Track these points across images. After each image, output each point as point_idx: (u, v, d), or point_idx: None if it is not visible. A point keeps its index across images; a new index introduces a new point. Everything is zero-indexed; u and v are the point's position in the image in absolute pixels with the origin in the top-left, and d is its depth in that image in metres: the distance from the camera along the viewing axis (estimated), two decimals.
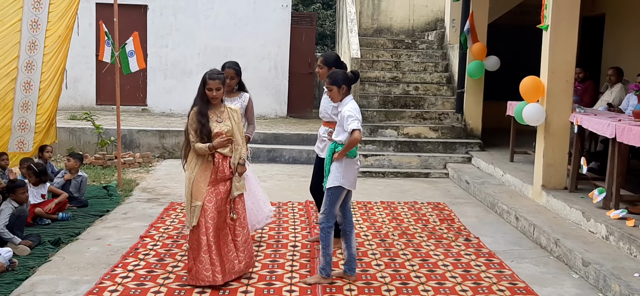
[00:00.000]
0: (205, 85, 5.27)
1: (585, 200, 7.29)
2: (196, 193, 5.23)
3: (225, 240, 5.33)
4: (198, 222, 5.21)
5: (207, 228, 5.21)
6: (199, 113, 5.25)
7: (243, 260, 5.40)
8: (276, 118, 15.01)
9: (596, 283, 5.44)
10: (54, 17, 7.86)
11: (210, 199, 5.23)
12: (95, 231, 6.88)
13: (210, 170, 5.26)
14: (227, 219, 5.35)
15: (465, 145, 11.46)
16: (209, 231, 5.20)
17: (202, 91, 5.31)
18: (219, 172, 5.27)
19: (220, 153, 5.29)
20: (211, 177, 5.25)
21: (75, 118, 12.68)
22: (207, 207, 5.22)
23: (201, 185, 5.24)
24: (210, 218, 5.21)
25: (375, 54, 13.92)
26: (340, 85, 5.33)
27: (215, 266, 5.18)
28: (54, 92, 8.14)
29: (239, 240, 5.39)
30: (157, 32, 15.01)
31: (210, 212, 5.22)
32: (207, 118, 5.25)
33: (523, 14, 13.41)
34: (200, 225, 5.21)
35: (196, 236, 5.24)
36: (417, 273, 5.70)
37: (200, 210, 5.21)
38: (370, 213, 7.95)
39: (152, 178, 9.96)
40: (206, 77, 5.28)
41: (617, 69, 9.59)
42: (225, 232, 5.34)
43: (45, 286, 5.22)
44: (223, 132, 5.26)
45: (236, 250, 5.37)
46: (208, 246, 5.18)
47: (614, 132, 6.67)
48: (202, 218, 5.22)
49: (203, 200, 5.21)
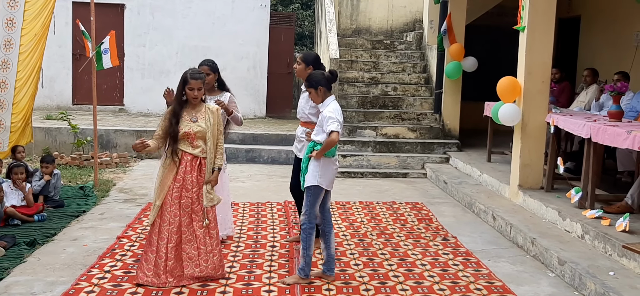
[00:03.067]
0: (185, 84, 5.23)
1: (561, 199, 7.37)
2: (159, 192, 5.22)
3: (187, 244, 5.23)
4: (153, 221, 5.20)
5: (160, 230, 5.17)
6: (171, 113, 5.23)
7: (205, 270, 5.24)
8: (255, 118, 14.96)
9: (572, 281, 5.50)
10: (30, 16, 7.76)
11: (167, 201, 5.19)
12: (71, 232, 6.80)
13: (174, 170, 5.21)
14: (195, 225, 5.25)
15: (443, 145, 11.53)
16: (162, 233, 5.16)
17: (180, 90, 5.27)
18: (186, 173, 5.21)
19: (190, 154, 5.26)
20: (176, 177, 5.20)
21: (51, 118, 12.54)
22: (164, 208, 5.19)
23: (164, 185, 5.21)
24: (163, 221, 5.17)
25: (354, 55, 13.95)
26: (317, 87, 5.33)
27: (158, 268, 5.14)
28: (29, 91, 8.03)
29: (203, 249, 5.25)
30: (134, 31, 14.89)
31: (167, 215, 5.17)
32: (178, 120, 5.21)
33: (500, 15, 13.55)
34: (154, 224, 5.20)
35: (149, 236, 5.24)
36: (395, 272, 5.72)
37: (158, 210, 5.19)
38: (349, 213, 7.96)
39: (130, 178, 9.88)
40: (188, 77, 5.22)
41: (593, 70, 9.70)
42: (190, 238, 5.24)
43: (20, 287, 5.15)
44: (192, 133, 5.22)
45: (198, 257, 5.24)
46: (157, 247, 5.15)
47: (589, 133, 6.75)
48: (158, 219, 5.19)
49: (162, 201, 5.19)
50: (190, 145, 5.25)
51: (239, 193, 8.75)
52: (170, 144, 5.23)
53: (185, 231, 5.23)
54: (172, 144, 5.22)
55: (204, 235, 5.27)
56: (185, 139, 5.23)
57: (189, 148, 5.24)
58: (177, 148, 5.23)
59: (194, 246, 5.24)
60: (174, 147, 5.22)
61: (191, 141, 5.25)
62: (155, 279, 5.14)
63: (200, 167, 5.27)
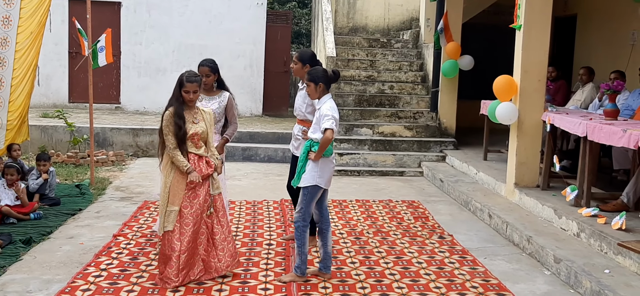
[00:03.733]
0: (181, 87, 5.23)
1: (557, 197, 7.39)
2: (173, 198, 5.18)
3: (201, 240, 5.27)
4: (173, 227, 5.17)
5: (182, 233, 5.16)
6: (176, 115, 5.20)
7: (223, 258, 5.30)
8: (251, 116, 14.97)
9: (568, 279, 5.51)
10: (26, 14, 7.74)
11: (186, 205, 5.19)
12: (67, 230, 6.80)
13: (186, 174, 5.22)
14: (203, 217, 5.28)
15: (440, 143, 11.54)
16: (184, 237, 5.15)
17: (178, 92, 5.27)
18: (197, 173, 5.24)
19: (195, 154, 5.26)
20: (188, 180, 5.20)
21: (47, 116, 12.52)
22: (183, 212, 5.18)
23: (178, 190, 5.19)
24: (186, 224, 5.17)
25: (350, 53, 13.95)
26: (318, 83, 5.34)
27: (183, 271, 5.14)
28: (26, 89, 8.02)
29: (217, 239, 5.31)
30: (130, 29, 14.87)
31: (187, 218, 5.18)
32: (184, 120, 5.21)
33: (496, 13, 13.55)
34: (175, 230, 5.16)
35: (169, 241, 5.17)
36: (392, 270, 5.72)
37: (176, 215, 5.16)
38: (346, 211, 7.96)
39: (126, 176, 9.88)
40: (184, 79, 5.22)
41: (589, 68, 9.72)
42: (202, 231, 5.27)
43: (16, 285, 5.15)
44: (198, 133, 5.24)
45: (214, 248, 5.30)
46: (180, 252, 5.13)
47: (585, 131, 6.77)
48: (178, 223, 5.17)
49: (180, 205, 5.18)
50: (195, 145, 5.27)
51: (236, 192, 8.74)
52: (177, 146, 5.20)
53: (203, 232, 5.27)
54: (179, 146, 5.21)
55: (215, 224, 5.32)
56: (190, 140, 5.24)
57: (193, 149, 5.26)
58: (184, 150, 5.22)
59: (206, 238, 5.29)
60: (182, 149, 5.22)
61: (196, 142, 5.27)
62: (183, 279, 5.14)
63: (208, 164, 5.31)
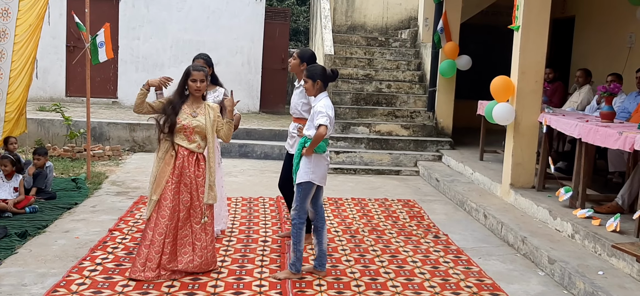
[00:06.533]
0: (188, 77, 5.26)
1: (552, 199, 7.41)
2: (155, 187, 5.21)
3: (183, 241, 5.25)
4: (149, 216, 5.20)
5: (156, 224, 5.16)
6: (170, 104, 5.24)
7: (198, 265, 5.27)
8: (248, 113, 14.95)
9: (561, 280, 5.54)
10: (25, 6, 7.73)
11: (166, 196, 5.18)
12: (63, 224, 6.80)
13: (171, 164, 5.20)
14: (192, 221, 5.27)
15: (436, 143, 11.56)
16: (157, 228, 5.16)
17: (183, 84, 5.30)
18: (183, 168, 5.21)
19: (186, 148, 5.26)
20: (173, 172, 5.20)
21: (44, 110, 12.51)
22: (162, 203, 5.19)
23: (161, 179, 5.20)
24: (162, 216, 5.17)
25: (348, 51, 13.96)
26: (315, 80, 5.35)
27: (152, 262, 5.13)
28: (24, 82, 8.01)
29: (198, 244, 5.29)
30: (128, 24, 14.85)
31: (166, 209, 5.17)
32: (176, 112, 5.22)
33: (495, 14, 13.59)
34: (151, 219, 5.19)
35: (145, 229, 5.24)
36: (387, 269, 5.74)
37: (154, 205, 5.19)
38: (341, 209, 7.98)
39: (122, 171, 9.87)
40: (190, 69, 5.30)
41: (586, 70, 9.74)
42: (186, 233, 5.26)
43: (11, 278, 5.15)
44: (190, 127, 5.23)
45: (193, 252, 5.27)
46: (151, 242, 5.15)
47: (580, 133, 6.79)
48: (154, 213, 5.19)
49: (159, 196, 5.19)
50: (187, 139, 5.25)
51: (232, 188, 8.74)
52: (167, 136, 5.23)
53: (182, 227, 5.24)
54: (169, 136, 5.23)
55: (201, 230, 5.30)
56: (181, 132, 5.23)
57: (185, 143, 5.25)
58: (173, 141, 5.23)
59: (190, 241, 5.27)
60: (171, 139, 5.23)
61: (188, 135, 5.25)
62: (149, 273, 5.14)
63: (198, 162, 5.29)
